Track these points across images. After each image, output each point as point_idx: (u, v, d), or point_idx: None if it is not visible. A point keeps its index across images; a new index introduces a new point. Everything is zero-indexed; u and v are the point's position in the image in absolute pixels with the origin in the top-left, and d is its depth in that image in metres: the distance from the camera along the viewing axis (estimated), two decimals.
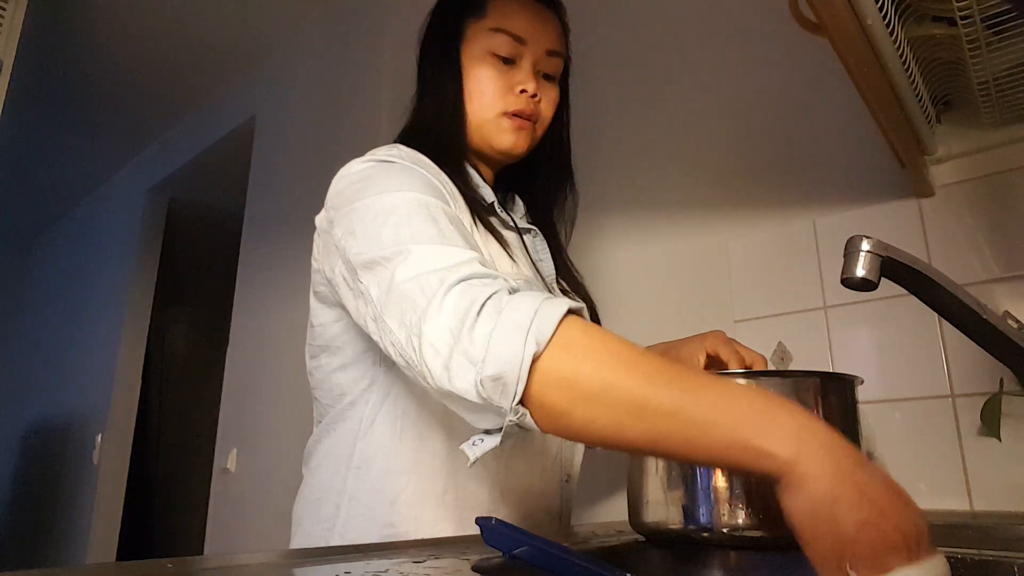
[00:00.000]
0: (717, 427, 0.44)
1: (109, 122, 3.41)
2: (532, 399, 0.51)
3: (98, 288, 3.74)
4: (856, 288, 0.59)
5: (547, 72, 0.84)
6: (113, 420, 3.25)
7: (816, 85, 1.20)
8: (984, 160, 1.02)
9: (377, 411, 0.77)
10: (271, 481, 2.15)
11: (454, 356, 0.53)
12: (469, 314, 0.53)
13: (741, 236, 1.25)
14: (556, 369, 0.50)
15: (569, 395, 0.50)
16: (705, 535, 0.54)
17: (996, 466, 0.93)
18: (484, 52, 0.80)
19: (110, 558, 3.13)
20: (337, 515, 0.75)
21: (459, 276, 0.56)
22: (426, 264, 0.58)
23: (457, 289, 0.55)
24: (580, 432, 0.51)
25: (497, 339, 0.51)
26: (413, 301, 0.56)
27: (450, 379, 0.53)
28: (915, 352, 1.03)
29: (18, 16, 1.68)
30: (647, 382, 0.48)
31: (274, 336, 2.33)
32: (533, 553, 0.40)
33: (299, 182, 2.40)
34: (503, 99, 0.80)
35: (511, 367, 0.50)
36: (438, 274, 0.57)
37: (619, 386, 0.48)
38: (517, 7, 0.81)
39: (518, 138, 0.81)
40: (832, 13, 0.66)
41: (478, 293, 0.54)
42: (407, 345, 0.56)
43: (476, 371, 0.51)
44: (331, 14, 2.46)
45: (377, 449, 0.76)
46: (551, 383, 0.50)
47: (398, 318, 0.58)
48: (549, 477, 0.82)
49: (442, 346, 0.53)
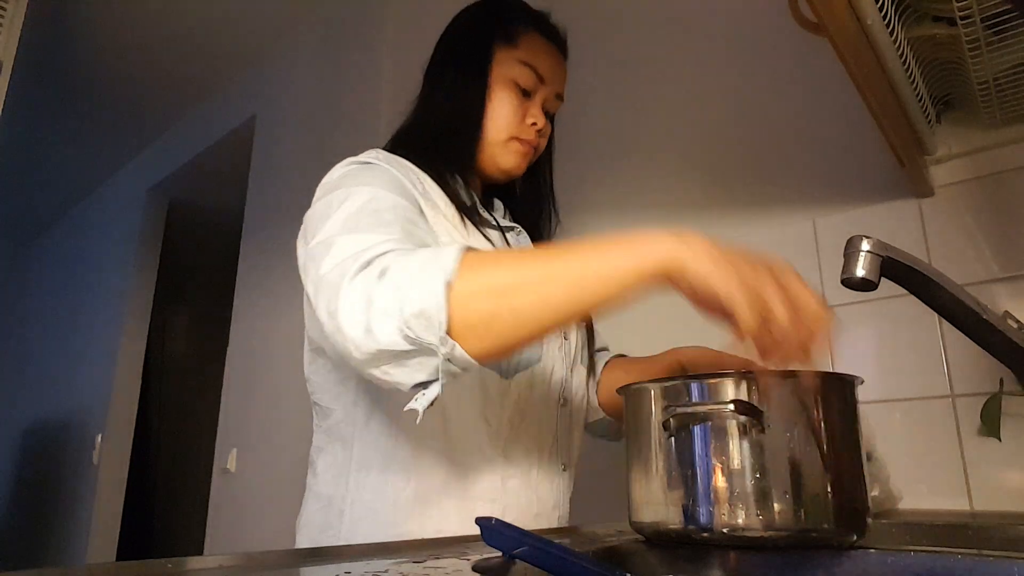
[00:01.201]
0: (614, 262, 0.54)
1: (109, 122, 3.41)
2: (457, 323, 0.55)
3: (98, 288, 3.74)
4: (856, 288, 0.59)
5: (550, 111, 0.91)
6: (113, 420, 3.25)
7: (816, 85, 1.20)
8: (984, 160, 1.02)
9: (371, 412, 0.78)
10: (271, 481, 2.16)
11: (372, 316, 0.56)
12: (376, 281, 0.57)
13: (741, 236, 1.25)
14: (471, 285, 0.55)
15: (491, 298, 0.55)
16: (705, 535, 0.54)
17: (996, 466, 0.93)
18: (508, 79, 0.85)
19: (110, 558, 3.13)
20: (342, 520, 0.76)
21: (372, 255, 0.60)
22: (345, 251, 0.62)
23: (364, 271, 0.59)
24: (511, 328, 0.56)
25: (407, 285, 0.55)
26: (333, 286, 0.60)
27: (375, 337, 0.56)
28: (915, 352, 1.03)
29: (18, 16, 1.68)
30: (546, 262, 0.57)
31: (274, 336, 2.33)
32: (533, 553, 0.40)
33: (299, 182, 2.40)
34: (517, 126, 0.86)
35: (430, 299, 0.54)
36: (353, 257, 0.60)
37: (528, 272, 0.57)
38: (544, 48, 0.88)
39: (522, 161, 0.88)
40: (832, 13, 0.66)
41: (378, 265, 0.59)
42: (331, 327, 0.60)
43: (398, 317, 0.55)
44: (331, 15, 2.46)
45: (375, 450, 0.77)
46: (471, 297, 0.55)
47: (324, 307, 0.61)
48: (548, 465, 0.84)
49: (358, 313, 0.57)
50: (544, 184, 0.99)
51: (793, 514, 0.52)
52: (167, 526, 4.32)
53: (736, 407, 0.53)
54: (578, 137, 1.53)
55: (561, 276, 0.56)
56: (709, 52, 1.38)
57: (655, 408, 0.59)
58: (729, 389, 0.55)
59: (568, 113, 1.09)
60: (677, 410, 0.56)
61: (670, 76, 1.44)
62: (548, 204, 0.99)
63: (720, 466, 0.54)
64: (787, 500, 0.52)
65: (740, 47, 1.33)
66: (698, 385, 0.57)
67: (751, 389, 0.54)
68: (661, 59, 1.46)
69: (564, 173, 1.10)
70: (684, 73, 1.42)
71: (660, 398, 0.59)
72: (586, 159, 1.53)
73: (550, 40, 0.89)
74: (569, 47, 0.93)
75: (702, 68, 1.39)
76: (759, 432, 0.53)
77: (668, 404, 0.57)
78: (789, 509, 0.52)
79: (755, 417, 0.53)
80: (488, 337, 0.56)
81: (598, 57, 1.57)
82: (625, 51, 1.53)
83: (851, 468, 0.56)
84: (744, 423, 0.53)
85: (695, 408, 0.56)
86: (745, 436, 0.54)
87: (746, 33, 1.32)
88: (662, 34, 1.47)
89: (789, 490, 0.53)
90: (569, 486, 0.88)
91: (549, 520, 0.82)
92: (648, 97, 1.47)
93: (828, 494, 0.53)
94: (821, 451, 0.54)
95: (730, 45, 1.35)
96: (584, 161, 1.53)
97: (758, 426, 0.53)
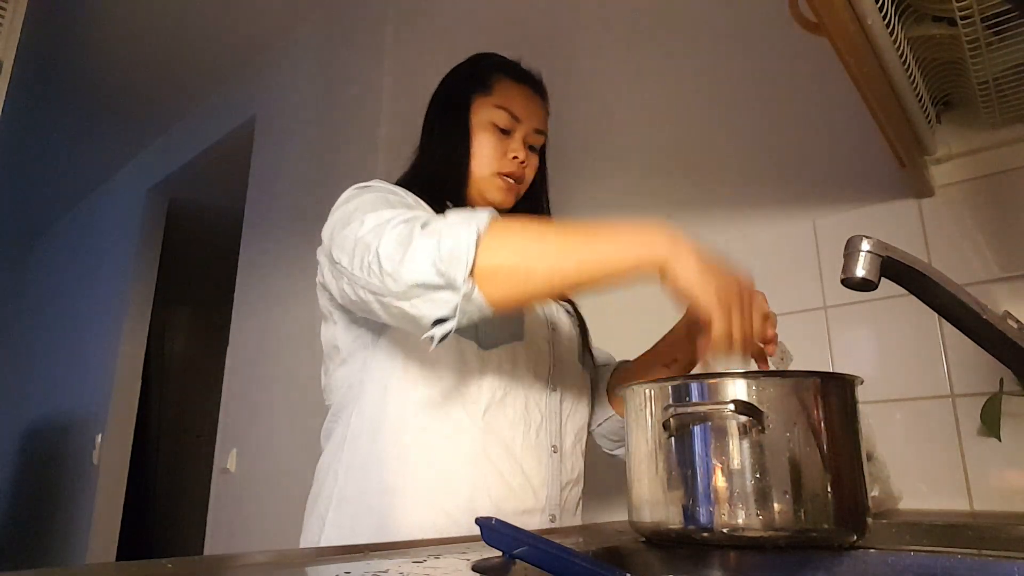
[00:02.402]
0: (618, 250, 0.67)
1: (109, 122, 3.41)
2: (480, 268, 0.66)
3: (98, 288, 3.74)
4: (856, 288, 0.59)
5: (532, 144, 1.01)
6: (113, 420, 3.25)
7: (816, 85, 1.20)
8: (984, 160, 1.02)
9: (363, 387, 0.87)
10: (271, 481, 2.16)
11: (410, 253, 0.67)
12: (414, 232, 0.69)
13: (741, 236, 1.25)
14: (497, 240, 0.67)
15: (512, 255, 0.68)
16: (705, 535, 0.54)
17: (996, 466, 0.93)
18: (487, 122, 0.97)
19: (110, 558, 3.14)
20: (336, 482, 0.85)
21: (403, 218, 0.72)
22: (379, 218, 0.74)
23: (401, 225, 0.71)
24: (523, 284, 0.68)
25: (445, 233, 0.67)
26: (367, 244, 0.72)
27: (410, 270, 0.67)
28: (915, 352, 1.03)
29: (18, 16, 1.68)
30: (562, 239, 0.69)
31: (274, 336, 2.33)
32: (533, 553, 0.40)
33: (299, 182, 2.40)
34: (499, 162, 0.96)
35: (462, 243, 0.66)
36: (387, 221, 0.73)
37: (545, 245, 0.69)
38: (516, 91, 0.99)
39: (507, 195, 0.98)
40: (832, 13, 0.66)
41: (416, 222, 0.70)
42: (367, 274, 0.71)
43: (433, 253, 0.66)
44: (331, 14, 2.46)
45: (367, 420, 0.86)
46: (496, 250, 0.67)
47: (360, 263, 0.73)
48: (534, 443, 0.88)
49: (395, 254, 0.68)
50: (542, 211, 1.06)
51: (793, 514, 0.52)
52: (167, 526, 4.33)
53: (736, 407, 0.53)
54: (578, 138, 1.53)
55: (572, 253, 0.68)
56: (709, 52, 1.38)
57: (655, 408, 0.59)
58: (729, 389, 0.55)
59: (568, 113, 1.09)
60: (677, 410, 0.56)
61: (669, 76, 1.44)
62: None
63: (720, 466, 0.54)
64: (787, 500, 0.52)
65: (740, 47, 1.33)
66: (698, 385, 0.57)
67: (751, 389, 0.54)
68: (661, 59, 1.46)
69: (564, 173, 1.11)
70: (684, 73, 1.42)
71: (660, 398, 0.59)
72: (586, 159, 1.53)
73: (521, 82, 1.01)
74: (568, 48, 0.96)
75: (702, 68, 1.39)
76: (759, 432, 0.53)
77: (668, 404, 0.57)
78: (789, 509, 0.52)
79: (755, 417, 0.53)
80: (503, 287, 0.67)
81: (598, 58, 1.57)
82: (625, 51, 1.53)
83: (851, 468, 0.56)
84: (744, 423, 0.54)
85: (695, 408, 0.56)
86: (745, 436, 0.54)
87: (746, 33, 1.32)
88: (662, 34, 1.47)
89: (789, 490, 0.53)
90: (563, 472, 0.90)
91: (536, 496, 0.86)
92: (647, 97, 1.47)
93: (828, 494, 0.53)
94: (821, 451, 0.54)
95: (730, 45, 1.35)
96: (584, 161, 1.53)
97: (758, 426, 0.53)
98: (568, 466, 0.91)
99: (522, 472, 0.85)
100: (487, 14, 1.88)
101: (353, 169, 2.07)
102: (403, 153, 1.04)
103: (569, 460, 0.92)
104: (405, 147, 1.04)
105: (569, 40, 1.62)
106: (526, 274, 0.67)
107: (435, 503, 0.81)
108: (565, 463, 0.91)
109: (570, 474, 0.91)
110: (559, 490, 0.88)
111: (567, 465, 0.91)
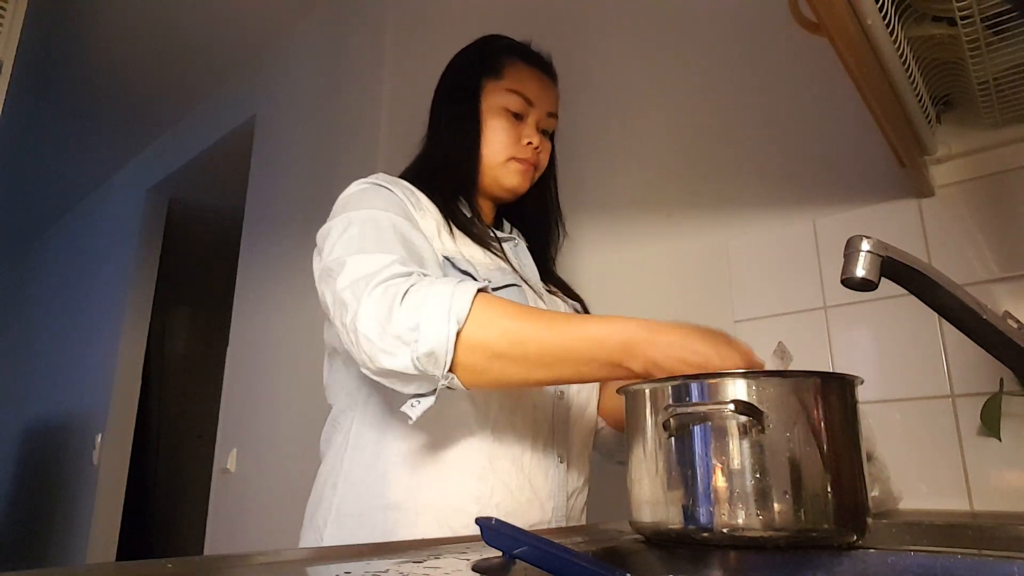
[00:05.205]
0: (596, 360, 0.67)
1: (109, 122, 3.41)
2: (457, 364, 0.67)
3: (98, 288, 3.74)
4: (856, 288, 0.59)
5: (545, 128, 0.99)
6: (113, 420, 3.25)
7: (816, 85, 1.20)
8: (984, 160, 1.02)
9: (369, 395, 0.84)
10: (271, 481, 2.15)
11: (388, 342, 0.67)
12: (393, 307, 0.68)
13: (741, 236, 1.25)
14: (473, 339, 0.67)
15: (485, 356, 0.68)
16: (705, 535, 0.54)
17: (996, 466, 0.93)
18: (499, 107, 0.94)
19: (110, 558, 3.13)
20: (335, 493, 0.83)
21: (380, 278, 0.71)
22: (357, 271, 0.73)
23: (379, 289, 0.70)
24: (499, 382, 0.70)
25: (425, 323, 0.66)
26: (346, 305, 0.71)
27: (388, 360, 0.67)
28: (915, 352, 1.03)
29: (18, 16, 1.68)
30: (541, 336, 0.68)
31: (274, 336, 2.33)
32: (533, 553, 0.40)
33: (299, 182, 2.40)
34: (513, 147, 0.94)
35: (440, 344, 0.66)
36: (365, 279, 0.71)
37: (523, 343, 0.68)
38: (529, 74, 0.96)
39: (523, 179, 0.95)
40: (832, 13, 0.66)
41: (397, 289, 0.69)
42: (348, 341, 0.72)
43: (411, 350, 0.66)
44: (331, 14, 2.46)
45: (370, 428, 0.83)
46: (471, 350, 0.67)
47: (340, 319, 0.73)
48: (542, 454, 0.85)
49: (373, 335, 0.68)
50: (550, 199, 1.06)
51: (793, 514, 0.52)
52: (167, 526, 4.33)
53: (736, 407, 0.53)
54: (578, 138, 1.53)
55: (546, 355, 0.68)
56: (709, 52, 1.38)
57: (655, 408, 0.59)
58: (729, 389, 0.55)
59: (569, 114, 1.09)
60: (677, 410, 0.56)
61: (669, 76, 1.44)
62: (555, 217, 1.07)
63: (720, 466, 0.54)
64: (787, 500, 0.52)
65: (740, 47, 1.33)
66: (698, 385, 0.57)
67: (751, 389, 0.54)
68: (660, 59, 1.46)
69: (565, 174, 1.10)
70: (684, 73, 1.42)
71: (660, 398, 0.59)
72: (586, 160, 1.53)
73: (533, 65, 0.98)
74: (567, 47, 0.96)
75: (702, 68, 1.39)
76: (759, 432, 0.53)
77: (668, 404, 0.57)
78: (789, 509, 0.52)
79: (755, 417, 0.53)
80: (481, 380, 0.70)
81: (597, 57, 1.57)
82: (625, 51, 1.53)
83: (851, 468, 0.56)
84: (744, 423, 0.53)
85: (695, 408, 0.56)
86: (745, 436, 0.54)
87: (746, 33, 1.32)
88: (662, 34, 1.47)
89: (789, 490, 0.53)
90: (569, 481, 0.88)
91: (543, 509, 0.83)
92: (647, 97, 1.47)
93: (828, 494, 0.53)
94: (821, 451, 0.54)
95: (730, 45, 1.35)
96: (584, 162, 1.53)
97: (758, 426, 0.53)
98: (574, 475, 0.90)
99: (530, 486, 0.82)
100: (487, 14, 1.88)
101: (353, 168, 2.07)
102: (404, 153, 1.03)
103: (575, 468, 0.90)
104: (406, 147, 1.04)
105: (569, 39, 1.62)
106: (502, 372, 0.68)
107: (442, 520, 0.77)
108: (571, 472, 0.89)
109: (576, 482, 0.90)
110: (565, 499, 0.87)
111: (573, 475, 0.89)
